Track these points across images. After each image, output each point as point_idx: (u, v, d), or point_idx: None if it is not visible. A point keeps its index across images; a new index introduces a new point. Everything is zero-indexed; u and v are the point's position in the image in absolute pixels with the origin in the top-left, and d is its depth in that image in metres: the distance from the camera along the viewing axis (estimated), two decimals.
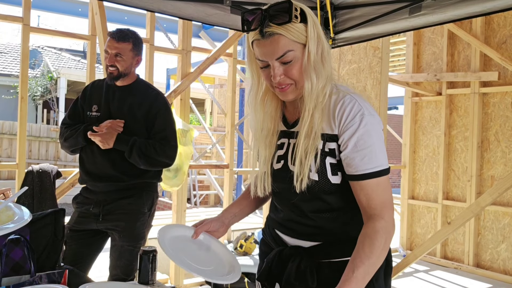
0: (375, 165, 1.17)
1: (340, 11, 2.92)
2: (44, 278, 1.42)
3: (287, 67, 1.18)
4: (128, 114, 2.29)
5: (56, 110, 14.31)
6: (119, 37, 2.27)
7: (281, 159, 1.29)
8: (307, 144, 1.20)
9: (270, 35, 1.14)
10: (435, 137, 5.23)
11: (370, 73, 4.29)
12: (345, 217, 1.25)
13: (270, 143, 1.31)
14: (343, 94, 1.22)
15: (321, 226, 1.26)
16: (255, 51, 1.20)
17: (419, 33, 5.38)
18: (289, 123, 1.31)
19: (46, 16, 21.25)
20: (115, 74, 2.29)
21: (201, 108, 13.97)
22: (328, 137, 1.21)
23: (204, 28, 6.44)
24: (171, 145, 2.34)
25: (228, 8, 2.65)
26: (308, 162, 1.19)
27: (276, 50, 1.15)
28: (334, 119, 1.21)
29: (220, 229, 1.43)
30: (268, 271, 1.31)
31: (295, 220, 1.29)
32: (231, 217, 1.46)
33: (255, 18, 1.16)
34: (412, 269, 4.83)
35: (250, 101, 1.32)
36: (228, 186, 4.38)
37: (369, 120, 1.18)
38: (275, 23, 1.14)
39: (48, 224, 1.64)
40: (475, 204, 3.59)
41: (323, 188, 1.21)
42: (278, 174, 1.29)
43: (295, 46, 1.16)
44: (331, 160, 1.21)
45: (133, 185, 2.32)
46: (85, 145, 2.32)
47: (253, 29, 1.17)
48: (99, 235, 2.36)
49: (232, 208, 1.48)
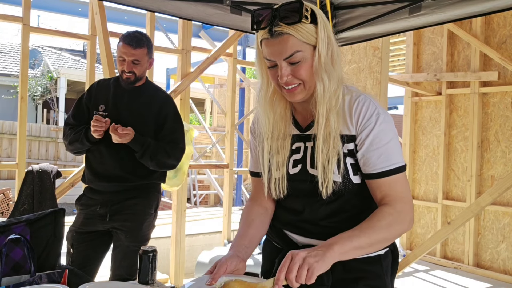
0: (392, 162, 1.18)
1: (340, 11, 2.92)
2: (44, 278, 1.42)
3: (295, 68, 1.17)
4: (138, 115, 2.30)
5: (56, 110, 14.31)
6: (136, 44, 2.25)
7: (298, 163, 1.27)
8: (328, 148, 1.19)
9: (279, 34, 1.13)
10: (435, 137, 5.23)
11: (370, 73, 4.29)
12: (362, 216, 1.25)
13: (283, 147, 1.28)
14: (356, 94, 1.23)
15: (337, 225, 1.25)
16: (263, 50, 1.19)
17: (419, 33, 5.38)
18: (302, 127, 1.29)
19: (46, 16, 21.23)
20: (133, 79, 2.30)
21: (201, 108, 13.97)
22: (346, 138, 1.21)
23: (204, 28, 6.44)
24: (180, 147, 2.36)
25: (228, 8, 2.65)
26: (332, 167, 1.19)
27: (284, 49, 1.14)
28: (351, 119, 1.21)
29: (239, 265, 1.21)
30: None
31: (312, 221, 1.27)
32: (243, 249, 1.27)
33: (266, 17, 1.15)
34: (412, 269, 4.82)
35: (259, 101, 1.30)
36: (228, 186, 4.38)
37: (384, 118, 1.19)
38: (285, 23, 1.13)
39: (48, 224, 1.64)
40: (475, 204, 3.59)
41: (346, 188, 1.22)
42: (295, 178, 1.27)
43: (304, 47, 1.15)
44: (351, 161, 1.22)
45: (141, 186, 2.33)
46: (92, 146, 2.32)
47: (262, 28, 1.16)
48: (106, 236, 2.36)
49: (240, 240, 1.30)
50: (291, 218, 1.32)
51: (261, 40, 1.18)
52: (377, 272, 1.26)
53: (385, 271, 1.27)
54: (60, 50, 17.79)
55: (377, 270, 1.25)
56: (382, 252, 1.28)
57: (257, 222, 1.34)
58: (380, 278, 1.26)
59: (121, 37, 2.29)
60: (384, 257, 1.28)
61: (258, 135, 1.35)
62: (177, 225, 3.93)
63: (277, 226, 1.37)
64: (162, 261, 3.93)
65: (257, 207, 1.36)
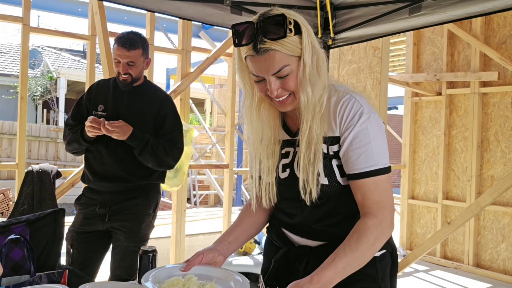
0: (372, 163, 1.15)
1: (340, 11, 2.92)
2: (44, 278, 1.42)
3: (284, 81, 1.15)
4: (137, 115, 2.30)
5: (56, 110, 14.32)
6: (130, 46, 2.23)
7: (287, 168, 1.27)
8: (309, 155, 1.18)
9: (265, 51, 1.11)
10: (435, 137, 5.23)
11: (370, 73, 4.29)
12: (354, 218, 1.24)
13: (273, 152, 1.28)
14: (342, 94, 1.21)
15: (331, 228, 1.25)
16: (249, 66, 1.16)
17: (419, 33, 5.38)
18: (293, 132, 1.29)
19: (46, 16, 21.24)
20: (129, 81, 2.30)
21: (201, 108, 13.97)
22: (330, 140, 1.20)
23: (204, 28, 6.44)
24: (178, 147, 2.36)
25: (228, 8, 2.65)
26: (315, 171, 1.17)
27: (271, 66, 1.12)
28: (335, 121, 1.20)
29: (217, 258, 1.27)
30: (276, 272, 1.30)
31: (307, 224, 1.27)
32: (226, 245, 1.32)
33: (246, 31, 1.12)
34: (412, 269, 4.82)
35: (245, 111, 1.27)
36: (228, 186, 4.38)
37: (367, 118, 1.17)
38: (269, 38, 1.10)
39: (48, 224, 1.64)
40: (475, 204, 3.59)
41: (333, 191, 1.21)
42: (285, 182, 1.27)
43: (291, 60, 1.14)
44: (338, 162, 1.20)
45: (140, 186, 2.33)
46: (90, 146, 2.32)
47: (245, 44, 1.13)
48: (106, 236, 2.35)
49: (225, 236, 1.35)
50: (287, 220, 1.32)
51: (246, 56, 1.15)
52: (371, 275, 1.24)
53: (381, 273, 1.25)
54: (60, 50, 17.79)
55: (371, 272, 1.24)
56: (377, 254, 1.26)
57: (247, 222, 1.38)
58: (374, 281, 1.25)
59: (115, 38, 2.28)
60: (380, 259, 1.26)
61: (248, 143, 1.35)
62: (177, 225, 3.93)
63: (277, 225, 1.37)
64: (162, 261, 3.92)
65: (251, 208, 1.38)
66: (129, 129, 2.20)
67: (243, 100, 1.28)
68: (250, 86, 1.23)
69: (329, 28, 2.90)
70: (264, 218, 1.40)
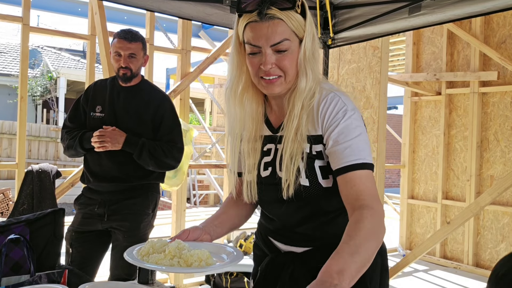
0: (359, 157, 1.11)
1: (340, 10, 2.92)
2: (44, 278, 1.42)
3: (280, 57, 1.12)
4: (134, 115, 2.29)
5: (56, 110, 14.32)
6: (131, 38, 2.26)
7: (269, 166, 1.23)
8: (293, 147, 1.14)
9: (270, 18, 1.08)
10: (435, 136, 5.23)
11: (370, 72, 4.28)
12: (337, 220, 1.22)
13: (254, 149, 1.24)
14: (326, 92, 1.18)
15: (314, 232, 1.23)
16: (247, 36, 1.12)
17: (418, 33, 5.38)
18: (275, 127, 1.25)
19: (46, 16, 21.22)
20: (129, 75, 2.30)
21: (201, 108, 13.96)
22: (313, 139, 1.17)
23: (203, 27, 6.44)
24: (178, 147, 2.35)
25: (228, 8, 2.65)
26: (295, 167, 1.14)
27: (273, 35, 1.09)
28: (317, 119, 1.17)
29: (203, 237, 1.24)
30: (263, 281, 1.29)
31: (288, 228, 1.25)
32: (212, 227, 1.28)
33: (254, 0, 1.09)
34: (412, 269, 4.83)
35: (228, 96, 1.22)
36: (227, 186, 4.38)
37: (352, 115, 1.14)
38: (277, 7, 1.08)
39: (48, 224, 1.64)
40: (474, 204, 3.59)
41: (314, 193, 1.17)
42: (266, 181, 1.23)
43: (293, 37, 1.12)
44: (320, 163, 1.17)
45: (139, 186, 2.32)
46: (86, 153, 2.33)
47: (250, 11, 1.10)
48: (105, 236, 2.35)
49: (211, 219, 1.32)
50: (270, 226, 1.30)
51: (247, 24, 1.11)
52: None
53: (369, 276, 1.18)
54: (60, 50, 17.77)
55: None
56: None
57: (231, 212, 1.35)
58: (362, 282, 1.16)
59: (115, 34, 2.30)
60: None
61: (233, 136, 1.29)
62: (177, 225, 3.93)
63: (262, 232, 1.36)
64: None
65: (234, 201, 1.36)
66: (122, 135, 2.20)
67: (228, 84, 1.22)
68: (238, 69, 1.19)
69: (329, 27, 2.90)
70: (248, 211, 1.38)
